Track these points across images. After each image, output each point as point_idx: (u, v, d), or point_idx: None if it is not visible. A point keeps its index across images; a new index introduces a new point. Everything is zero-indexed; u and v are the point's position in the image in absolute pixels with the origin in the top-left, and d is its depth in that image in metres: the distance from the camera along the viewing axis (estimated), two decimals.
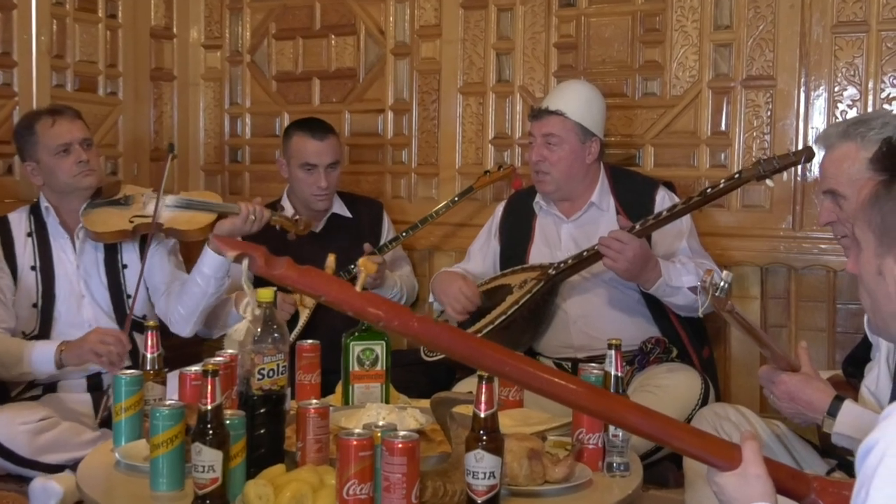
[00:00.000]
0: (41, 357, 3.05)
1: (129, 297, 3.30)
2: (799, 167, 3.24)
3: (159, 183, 3.35)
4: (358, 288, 1.63)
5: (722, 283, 1.78)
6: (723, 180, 2.99)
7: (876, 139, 2.09)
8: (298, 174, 3.61)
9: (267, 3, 4.40)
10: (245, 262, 1.71)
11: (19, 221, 3.32)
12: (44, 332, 3.23)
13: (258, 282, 1.80)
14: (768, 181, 2.95)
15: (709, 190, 2.97)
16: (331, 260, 3.24)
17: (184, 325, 3.33)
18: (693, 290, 1.91)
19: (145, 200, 3.33)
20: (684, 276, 2.99)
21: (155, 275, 3.37)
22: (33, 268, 3.27)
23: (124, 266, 3.35)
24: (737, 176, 2.94)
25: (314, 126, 3.68)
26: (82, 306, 3.29)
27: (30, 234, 3.30)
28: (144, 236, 3.30)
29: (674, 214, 2.98)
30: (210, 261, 3.21)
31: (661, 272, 2.97)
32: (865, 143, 2.11)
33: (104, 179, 3.41)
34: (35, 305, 3.25)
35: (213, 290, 3.25)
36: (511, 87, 3.96)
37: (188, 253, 3.57)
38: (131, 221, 3.26)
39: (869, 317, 1.51)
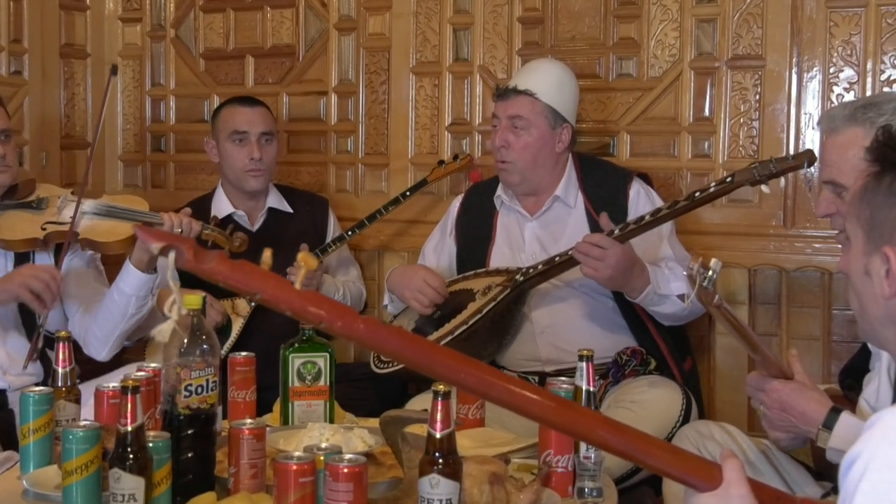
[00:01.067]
0: None
1: (44, 321, 3.26)
2: None
3: (74, 178, 3.31)
4: (297, 285, 1.64)
5: (710, 273, 1.80)
6: (713, 184, 3.01)
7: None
8: (228, 148, 3.63)
9: None
10: (171, 255, 1.72)
11: None
12: None
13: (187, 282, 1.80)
14: (763, 187, 2.97)
15: (697, 194, 2.98)
16: (267, 255, 3.21)
17: (100, 349, 3.28)
18: (681, 297, 1.92)
19: (61, 205, 3.28)
20: (673, 283, 3.00)
21: (69, 284, 3.30)
22: None
23: None
24: (729, 180, 2.95)
25: (243, 98, 3.77)
26: None
27: None
28: (59, 245, 3.25)
29: (658, 219, 2.99)
30: (131, 278, 3.15)
31: (650, 279, 2.99)
32: (874, 130, 2.05)
33: (19, 176, 3.35)
34: None
35: (133, 311, 3.19)
36: (470, 66, 3.97)
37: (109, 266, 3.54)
38: (44, 229, 3.20)
39: (858, 321, 1.54)
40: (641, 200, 3.23)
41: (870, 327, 1.49)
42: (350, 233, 3.69)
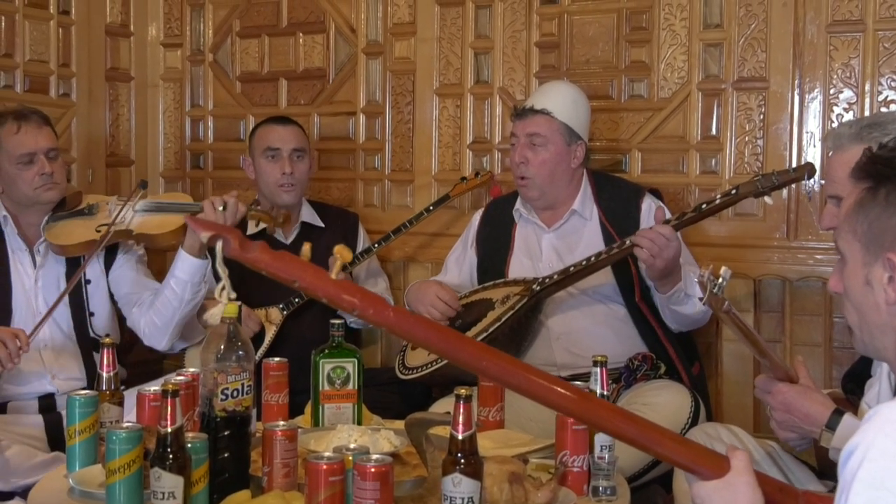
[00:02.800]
0: None
1: (91, 314, 3.27)
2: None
3: (119, 193, 3.33)
4: (333, 275, 1.64)
5: (720, 280, 1.79)
6: (718, 196, 3.00)
7: None
8: (262, 164, 3.63)
9: None
10: (219, 244, 1.74)
11: None
12: None
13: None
14: (766, 198, 2.96)
15: (703, 206, 2.97)
16: (306, 248, 3.22)
17: (159, 338, 3.29)
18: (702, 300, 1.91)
19: (111, 208, 3.30)
20: (697, 287, 2.99)
21: (123, 286, 3.35)
22: None
23: (87, 281, 3.30)
24: (733, 192, 2.94)
25: (278, 117, 3.80)
26: (38, 321, 3.22)
27: None
28: (110, 248, 3.27)
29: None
30: (186, 265, 3.18)
31: (681, 277, 2.98)
32: None
33: (67, 191, 3.36)
34: None
35: (189, 297, 3.20)
36: (490, 88, 3.96)
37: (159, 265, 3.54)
38: (98, 231, 3.21)
39: (856, 334, 1.51)
40: (653, 213, 3.21)
41: (869, 338, 1.47)
42: (377, 245, 3.69)
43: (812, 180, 3.03)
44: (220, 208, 3.15)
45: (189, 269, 3.18)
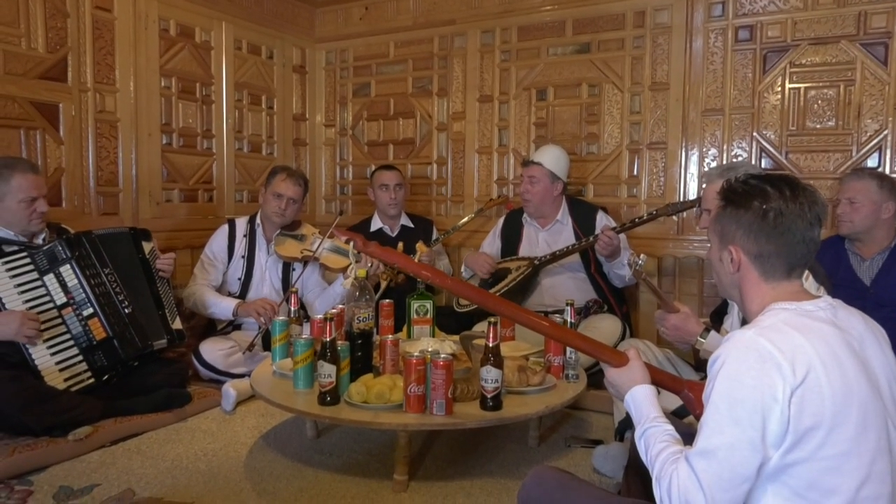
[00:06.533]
0: (224, 308, 3.06)
1: (293, 288, 3.28)
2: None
3: (320, 227, 3.26)
4: (416, 260, 1.66)
5: (640, 262, 1.77)
6: (646, 213, 2.97)
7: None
8: (379, 193, 3.62)
9: (361, 98, 4.39)
10: (352, 243, 1.79)
11: (241, 225, 3.29)
12: (242, 295, 3.20)
13: None
14: (674, 217, 2.88)
15: (636, 220, 2.92)
16: (400, 246, 3.26)
17: (317, 313, 3.24)
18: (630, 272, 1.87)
19: (313, 241, 3.26)
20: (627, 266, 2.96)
21: (309, 281, 3.35)
22: (243, 257, 3.24)
23: (293, 269, 3.30)
24: (654, 212, 2.89)
25: (386, 164, 3.79)
26: (264, 286, 3.25)
27: (246, 236, 3.27)
28: (307, 262, 3.26)
29: (623, 229, 2.93)
30: (341, 287, 3.19)
31: (620, 255, 2.96)
32: None
33: (292, 220, 3.30)
34: (239, 279, 3.23)
35: (338, 301, 3.19)
36: (507, 148, 3.92)
37: None
38: (301, 253, 3.21)
39: (718, 287, 1.49)
40: (603, 222, 3.18)
41: (724, 290, 1.43)
42: (443, 235, 3.68)
43: (696, 207, 2.98)
44: (369, 265, 3.07)
45: (341, 289, 3.17)
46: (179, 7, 3.55)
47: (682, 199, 3.39)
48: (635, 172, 3.57)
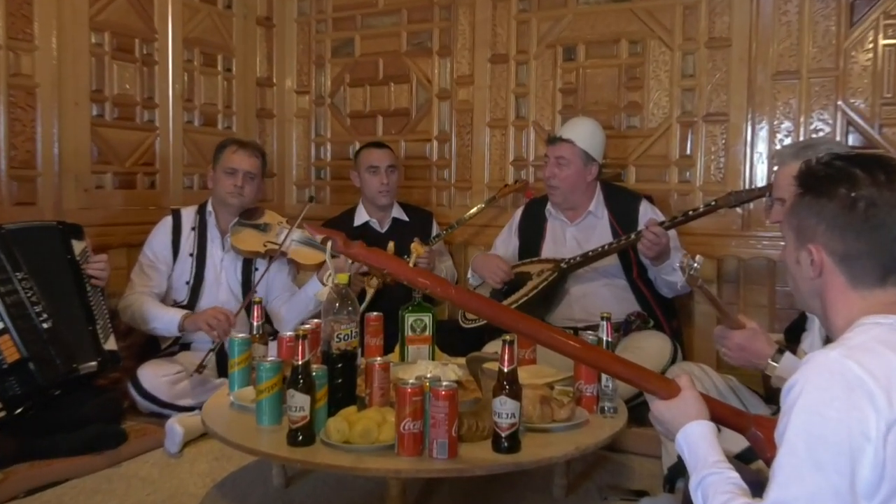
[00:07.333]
0: (168, 321, 3.08)
1: (255, 292, 3.28)
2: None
3: (264, 197, 3.30)
4: (411, 264, 1.66)
5: (695, 265, 1.77)
6: (702, 203, 2.96)
7: None
8: (366, 177, 3.64)
9: (343, 59, 4.40)
10: (329, 244, 1.76)
11: (188, 216, 3.34)
12: (191, 303, 3.23)
13: None
14: (738, 209, 2.89)
15: (690, 213, 2.92)
16: (391, 245, 3.26)
17: (286, 326, 3.28)
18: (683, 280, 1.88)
19: (279, 231, 3.31)
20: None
21: (275, 283, 3.39)
22: (191, 255, 3.27)
23: (255, 269, 3.33)
24: (713, 203, 2.88)
25: (374, 142, 3.81)
26: (220, 290, 3.28)
27: (194, 229, 3.30)
28: (272, 257, 3.29)
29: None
30: (316, 287, 3.23)
31: (671, 256, 2.95)
32: None
33: (251, 205, 3.36)
34: (188, 283, 3.26)
35: (311, 308, 3.25)
36: (526, 122, 3.92)
37: None
38: (265, 246, 3.26)
39: (794, 296, 1.48)
40: (648, 214, 3.17)
41: (802, 300, 1.44)
42: (444, 231, 3.69)
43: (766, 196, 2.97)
44: (350, 262, 3.09)
45: (317, 290, 3.19)
46: None
47: (747, 186, 3.38)
48: (688, 151, 3.57)
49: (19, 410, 2.56)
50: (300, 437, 1.97)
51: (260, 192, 3.42)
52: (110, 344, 2.86)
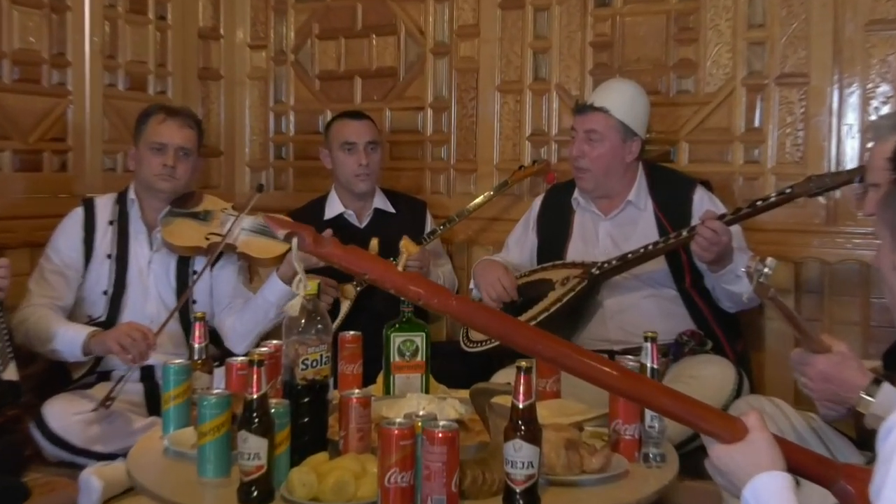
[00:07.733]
0: (70, 340, 3.02)
1: (194, 301, 3.27)
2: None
3: (209, 182, 3.31)
4: (399, 267, 1.65)
5: (766, 270, 1.75)
6: (774, 191, 2.97)
7: None
8: (340, 156, 3.65)
9: (310, 4, 4.41)
10: (294, 241, 1.75)
11: (104, 208, 3.32)
12: (111, 319, 3.21)
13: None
14: (821, 198, 2.91)
15: (758, 203, 2.93)
16: (374, 243, 3.26)
17: (239, 343, 3.29)
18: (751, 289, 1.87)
19: (223, 220, 3.30)
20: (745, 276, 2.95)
21: (221, 287, 3.37)
22: (109, 256, 3.26)
23: (194, 271, 3.31)
24: (788, 191, 2.89)
25: (351, 112, 3.81)
26: (148, 301, 3.27)
27: (111, 223, 3.30)
28: (219, 253, 3.28)
29: (738, 218, 2.94)
30: (276, 289, 3.22)
31: (733, 259, 2.95)
32: None
33: (185, 189, 3.37)
34: (105, 293, 3.25)
35: (272, 317, 3.23)
36: (548, 84, 3.94)
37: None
38: (207, 239, 3.24)
39: (892, 310, 1.48)
40: (705, 205, 3.16)
41: None
42: (441, 227, 3.69)
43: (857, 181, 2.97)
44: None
45: (278, 293, 3.19)
46: None
47: (833, 169, 3.38)
48: (757, 123, 3.58)
49: None
50: (254, 493, 1.97)
51: (196, 172, 3.43)
52: (10, 373, 2.84)
